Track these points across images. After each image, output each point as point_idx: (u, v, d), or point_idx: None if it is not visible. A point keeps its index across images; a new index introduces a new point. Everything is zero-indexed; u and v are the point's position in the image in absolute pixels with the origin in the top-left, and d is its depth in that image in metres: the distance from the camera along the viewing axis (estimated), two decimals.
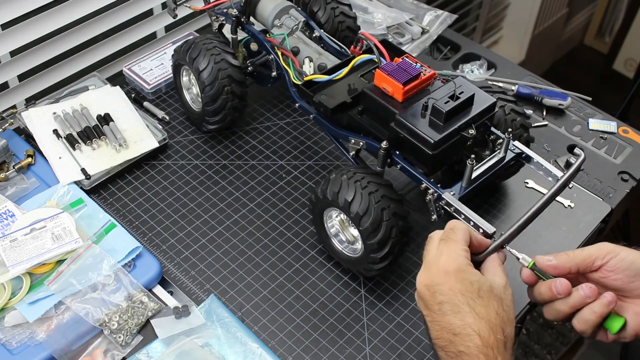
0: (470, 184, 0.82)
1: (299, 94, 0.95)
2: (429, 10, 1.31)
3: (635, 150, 1.09)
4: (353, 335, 0.85)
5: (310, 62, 0.98)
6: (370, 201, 0.80)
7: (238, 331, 0.83)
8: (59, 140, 1.01)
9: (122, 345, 0.81)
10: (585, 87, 1.27)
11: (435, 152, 0.79)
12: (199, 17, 1.29)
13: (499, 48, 2.20)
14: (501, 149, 0.85)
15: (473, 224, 0.77)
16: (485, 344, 0.64)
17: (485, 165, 0.84)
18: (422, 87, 0.84)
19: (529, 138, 0.93)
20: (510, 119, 0.91)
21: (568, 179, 0.80)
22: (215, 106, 0.99)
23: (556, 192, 0.79)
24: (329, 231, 0.89)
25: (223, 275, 0.90)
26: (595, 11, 2.55)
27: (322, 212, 0.87)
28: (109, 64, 1.22)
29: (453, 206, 0.79)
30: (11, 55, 1.08)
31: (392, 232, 0.81)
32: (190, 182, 1.01)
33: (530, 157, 0.86)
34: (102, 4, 1.14)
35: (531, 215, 0.77)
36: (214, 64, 0.96)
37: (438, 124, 0.80)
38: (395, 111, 0.82)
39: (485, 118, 0.83)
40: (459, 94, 0.81)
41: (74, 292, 0.83)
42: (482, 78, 1.18)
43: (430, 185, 0.82)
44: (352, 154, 0.90)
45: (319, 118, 0.93)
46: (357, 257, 0.86)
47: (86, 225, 0.92)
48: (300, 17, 1.03)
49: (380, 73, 0.83)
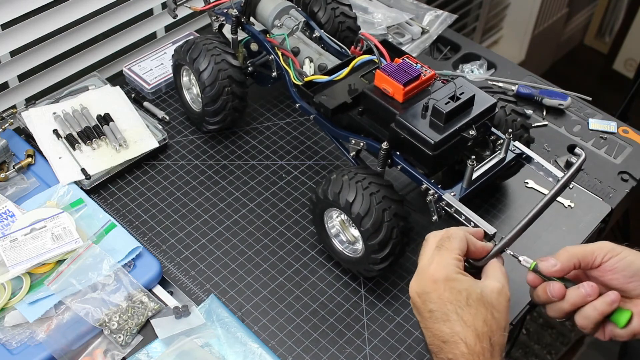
0: (471, 185, 0.82)
1: (299, 95, 0.95)
2: (429, 10, 1.31)
3: (635, 150, 1.09)
4: (353, 335, 0.85)
5: (311, 62, 0.98)
6: (372, 202, 0.80)
7: (238, 331, 0.83)
8: (59, 140, 1.01)
9: (122, 345, 0.81)
10: (585, 87, 1.27)
11: (436, 152, 0.79)
12: (199, 17, 1.29)
13: (499, 48, 2.20)
14: (502, 149, 0.85)
15: (473, 224, 0.77)
16: (471, 352, 0.65)
17: (485, 166, 0.84)
18: (422, 88, 0.84)
19: (529, 139, 0.93)
20: (511, 119, 0.91)
21: (569, 179, 0.80)
22: (215, 107, 0.99)
23: (556, 193, 0.79)
24: (330, 231, 0.89)
25: (223, 275, 0.90)
26: (595, 11, 2.55)
27: (323, 212, 0.87)
28: (109, 64, 1.22)
29: (453, 207, 0.79)
30: (11, 55, 1.08)
31: (393, 233, 0.81)
32: (190, 182, 1.01)
33: (531, 158, 0.86)
34: (102, 4, 1.14)
35: (532, 218, 0.77)
36: (214, 65, 0.96)
37: (438, 125, 0.80)
38: (396, 112, 0.82)
39: (486, 119, 0.83)
40: (460, 94, 0.81)
41: (74, 292, 0.83)
42: (482, 78, 1.18)
43: (431, 186, 0.82)
44: (352, 154, 0.90)
45: (319, 118, 0.93)
46: (357, 257, 0.86)
47: (86, 225, 0.92)
48: (301, 18, 1.03)
49: (381, 74, 0.83)
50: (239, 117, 1.04)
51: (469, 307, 0.67)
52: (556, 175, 0.83)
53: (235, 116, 1.02)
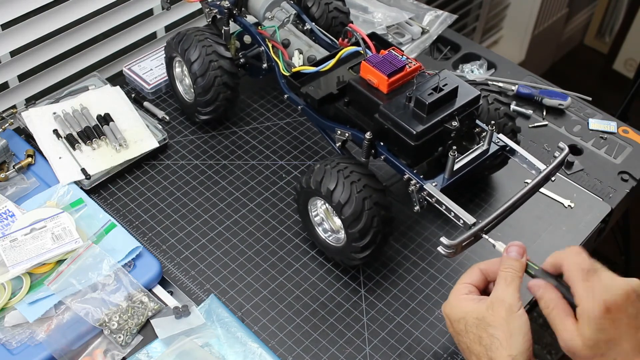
0: (453, 176, 0.82)
1: (288, 86, 0.96)
2: (429, 11, 1.31)
3: (635, 150, 1.09)
4: (353, 335, 0.85)
5: (300, 54, 0.99)
6: (352, 190, 0.81)
7: (238, 331, 0.83)
8: (59, 140, 1.01)
9: (122, 345, 0.81)
10: (585, 87, 1.27)
11: (418, 143, 0.80)
12: (200, 17, 1.30)
13: (499, 48, 2.20)
14: (485, 141, 0.85)
15: (454, 214, 0.78)
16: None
17: (468, 157, 0.84)
18: (407, 80, 0.85)
19: (514, 127, 0.93)
20: (494, 108, 0.91)
21: (551, 171, 0.81)
22: (207, 97, 1.00)
23: (538, 184, 0.80)
24: (314, 220, 0.90)
25: (223, 275, 0.90)
26: (595, 11, 2.55)
27: (307, 201, 0.88)
28: (109, 64, 1.22)
29: (434, 197, 0.80)
30: (11, 55, 1.08)
31: (374, 222, 0.82)
32: (190, 182, 1.01)
33: (515, 150, 0.86)
34: (102, 4, 1.14)
35: (510, 206, 0.78)
36: (205, 56, 0.98)
37: (421, 116, 0.80)
38: (380, 102, 0.82)
39: (470, 110, 0.84)
40: (443, 86, 0.81)
41: (74, 292, 0.83)
42: (482, 78, 1.18)
43: (413, 176, 0.82)
44: (338, 144, 0.91)
45: (306, 109, 0.94)
46: (340, 246, 0.87)
47: (86, 225, 0.92)
48: (292, 10, 1.04)
49: (366, 65, 0.84)
50: (231, 108, 1.05)
51: (468, 334, 0.70)
52: (539, 167, 0.83)
53: (227, 107, 1.04)
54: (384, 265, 0.92)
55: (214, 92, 1.00)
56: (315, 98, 0.89)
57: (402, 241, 0.95)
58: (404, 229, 0.96)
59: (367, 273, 0.91)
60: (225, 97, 1.01)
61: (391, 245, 0.94)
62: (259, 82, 1.13)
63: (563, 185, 1.03)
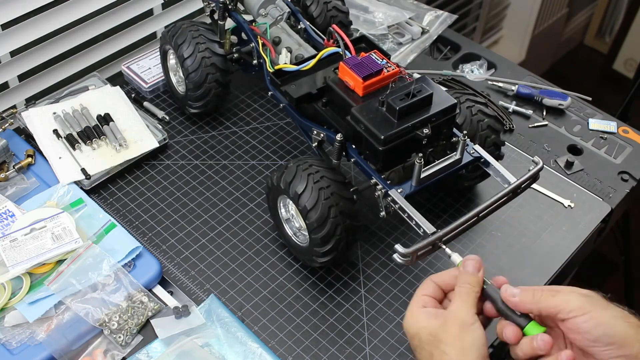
0: (420, 183, 0.81)
1: (272, 83, 0.95)
2: (429, 11, 1.31)
3: (635, 150, 1.09)
4: (353, 335, 0.85)
5: (289, 52, 0.99)
6: (320, 196, 0.81)
7: (238, 331, 0.83)
8: (59, 140, 1.01)
9: (122, 345, 0.82)
10: (585, 87, 1.27)
11: (385, 147, 0.79)
12: (199, 17, 1.29)
13: (499, 48, 2.20)
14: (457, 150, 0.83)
15: (415, 222, 0.77)
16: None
17: (438, 165, 0.83)
18: (385, 84, 0.84)
19: (497, 141, 0.91)
20: (477, 119, 0.90)
21: (519, 185, 0.80)
22: (198, 93, 1.01)
23: (504, 196, 0.79)
24: (282, 217, 0.90)
25: (223, 275, 0.90)
26: (595, 11, 2.55)
27: (277, 198, 0.88)
28: (109, 64, 1.22)
29: (398, 204, 0.80)
30: (11, 55, 1.08)
31: (337, 230, 0.82)
32: (190, 182, 1.01)
33: (489, 163, 0.84)
34: (102, 4, 1.14)
35: (472, 217, 0.77)
36: (198, 52, 0.98)
37: (392, 121, 0.80)
38: (353, 104, 0.82)
39: (445, 119, 0.82)
40: (417, 92, 0.80)
41: (74, 292, 0.83)
42: (482, 78, 1.18)
43: (379, 181, 0.82)
44: (314, 145, 0.91)
45: (287, 108, 0.94)
46: (304, 246, 0.87)
47: (86, 225, 0.92)
48: (286, 8, 1.04)
49: (343, 66, 0.84)
50: (222, 103, 1.07)
51: (422, 350, 0.69)
52: (509, 181, 0.81)
53: (217, 102, 1.05)
54: (384, 265, 0.92)
55: (205, 89, 1.01)
56: (294, 97, 0.89)
57: (402, 241, 0.94)
58: (404, 229, 0.96)
59: (367, 273, 0.91)
60: (217, 94, 1.03)
61: (391, 246, 0.94)
62: (259, 82, 1.13)
63: (563, 185, 1.03)
